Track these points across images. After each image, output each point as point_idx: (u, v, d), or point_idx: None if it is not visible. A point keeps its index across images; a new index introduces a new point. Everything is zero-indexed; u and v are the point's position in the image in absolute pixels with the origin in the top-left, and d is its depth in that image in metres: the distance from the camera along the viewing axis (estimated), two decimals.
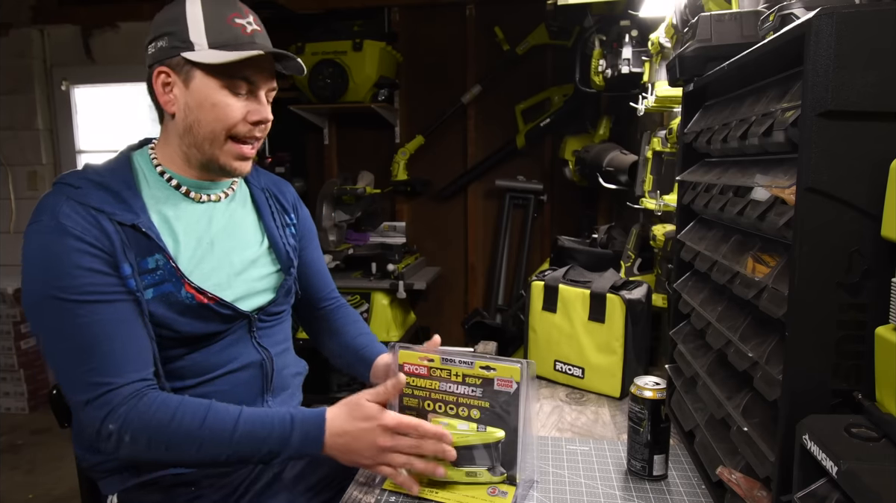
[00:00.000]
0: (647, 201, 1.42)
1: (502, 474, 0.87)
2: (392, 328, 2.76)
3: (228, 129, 0.92)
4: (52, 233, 0.83)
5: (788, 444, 0.53)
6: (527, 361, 0.85)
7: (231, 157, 0.94)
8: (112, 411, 0.81)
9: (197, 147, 0.93)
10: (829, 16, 0.51)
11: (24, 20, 3.30)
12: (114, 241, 0.85)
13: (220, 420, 0.83)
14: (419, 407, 0.90)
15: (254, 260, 1.02)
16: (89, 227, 0.84)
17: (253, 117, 0.93)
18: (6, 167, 3.41)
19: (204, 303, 0.90)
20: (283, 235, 1.08)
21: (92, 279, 0.83)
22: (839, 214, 0.53)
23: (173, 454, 0.83)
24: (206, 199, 0.99)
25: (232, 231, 1.01)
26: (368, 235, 3.00)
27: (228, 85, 0.91)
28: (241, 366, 0.97)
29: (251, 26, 0.92)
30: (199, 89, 0.90)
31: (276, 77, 0.98)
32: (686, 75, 0.89)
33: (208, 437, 0.82)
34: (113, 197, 0.88)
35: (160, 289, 0.88)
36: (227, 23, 0.90)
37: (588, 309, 1.26)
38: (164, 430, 0.81)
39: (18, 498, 2.42)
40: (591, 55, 2.05)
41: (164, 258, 0.88)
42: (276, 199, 1.12)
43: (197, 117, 0.91)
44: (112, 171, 0.92)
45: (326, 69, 2.81)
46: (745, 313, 0.72)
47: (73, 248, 0.82)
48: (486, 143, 3.13)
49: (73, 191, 0.86)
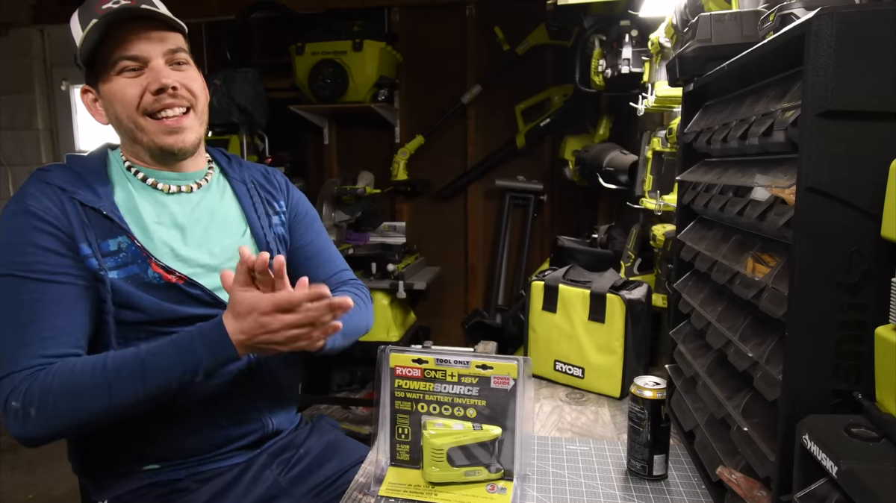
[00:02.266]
0: (647, 201, 1.42)
1: (499, 470, 0.87)
2: (392, 328, 2.76)
3: (137, 108, 0.93)
4: (16, 212, 0.86)
5: (788, 444, 0.53)
6: (523, 358, 0.86)
7: (159, 134, 0.94)
8: (15, 389, 0.81)
9: (133, 140, 0.95)
10: (829, 16, 0.51)
11: (24, 20, 3.30)
12: (72, 221, 0.86)
13: (121, 358, 0.82)
14: (412, 409, 0.90)
15: (232, 249, 1.01)
16: (50, 205, 0.86)
17: (152, 87, 0.92)
18: (6, 167, 3.41)
19: (172, 282, 0.90)
20: (267, 226, 1.07)
21: (44, 258, 0.84)
22: (839, 214, 0.53)
23: (84, 409, 0.80)
24: (176, 190, 0.99)
25: (208, 221, 1.01)
26: (368, 235, 3.00)
27: (119, 71, 0.92)
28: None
29: (118, 4, 0.91)
30: (106, 89, 0.94)
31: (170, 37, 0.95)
32: (686, 75, 0.89)
33: (115, 378, 0.80)
34: (79, 180, 0.91)
35: (125, 270, 0.89)
36: (94, 12, 0.91)
37: (588, 309, 1.26)
38: (67, 387, 0.80)
39: (18, 498, 2.42)
40: (591, 55, 2.05)
41: (128, 239, 0.89)
42: (262, 187, 1.11)
43: (114, 114, 0.94)
44: (87, 160, 0.96)
45: (326, 69, 2.81)
46: (745, 313, 0.72)
47: (31, 226, 0.85)
48: (486, 143, 3.13)
49: (43, 173, 0.91)
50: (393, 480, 0.88)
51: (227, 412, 0.97)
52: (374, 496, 0.86)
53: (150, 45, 0.93)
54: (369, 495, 0.86)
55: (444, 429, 0.87)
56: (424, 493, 0.85)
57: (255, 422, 1.00)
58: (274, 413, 1.04)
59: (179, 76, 0.95)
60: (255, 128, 2.79)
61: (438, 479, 0.86)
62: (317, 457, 1.07)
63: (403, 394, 0.90)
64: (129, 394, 0.81)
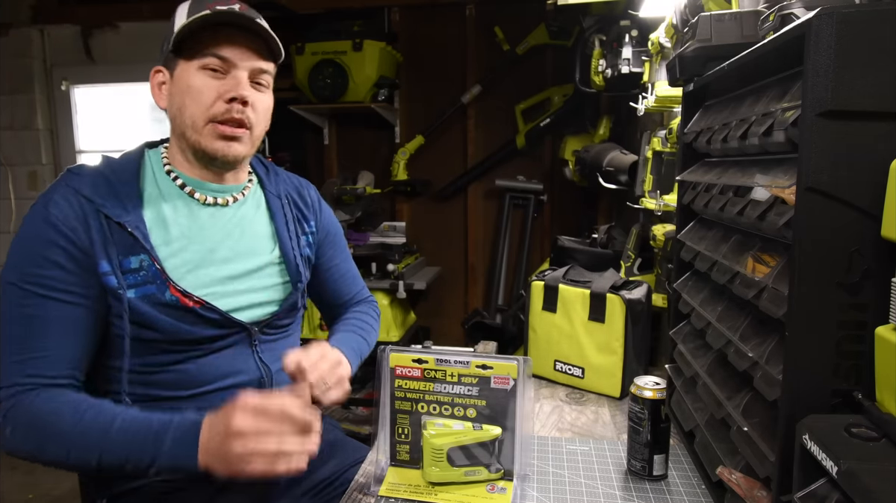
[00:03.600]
0: (647, 201, 1.42)
1: (499, 470, 0.87)
2: (392, 328, 2.76)
3: (206, 110, 0.91)
4: (37, 218, 0.84)
5: (788, 444, 0.53)
6: (524, 358, 0.86)
7: (212, 139, 0.92)
8: (1, 403, 0.80)
9: (185, 139, 0.93)
10: (829, 16, 0.51)
11: (24, 20, 3.30)
12: (93, 236, 0.84)
13: (96, 418, 0.78)
14: (412, 409, 0.90)
15: (259, 269, 0.99)
16: (72, 217, 0.84)
17: (227, 94, 0.90)
18: (6, 167, 3.41)
19: (189, 306, 0.88)
20: (297, 246, 1.05)
21: (53, 273, 0.83)
22: (839, 214, 0.53)
23: (47, 452, 0.79)
24: (213, 202, 0.97)
25: (238, 237, 0.98)
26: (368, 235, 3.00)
27: (203, 66, 0.90)
28: (239, 381, 0.94)
29: (228, 5, 0.90)
30: (180, 76, 0.91)
31: (263, 58, 0.94)
32: (686, 75, 0.89)
33: (79, 437, 0.77)
34: (109, 189, 0.88)
35: (143, 289, 0.86)
36: (205, 7, 0.90)
37: (588, 309, 1.26)
38: (39, 426, 0.78)
39: (18, 498, 2.42)
40: (591, 55, 2.05)
41: (150, 259, 0.87)
42: (296, 204, 1.09)
43: (179, 104, 0.92)
44: (121, 164, 0.92)
45: (326, 69, 2.81)
46: (745, 313, 0.72)
47: (47, 237, 0.83)
48: (486, 143, 3.13)
49: (72, 177, 0.88)
50: (393, 480, 0.88)
51: None
52: (374, 496, 0.86)
53: (243, 55, 0.92)
54: (369, 495, 0.86)
55: (444, 429, 0.87)
56: (424, 493, 0.85)
57: None
58: None
59: (255, 96, 0.94)
60: None
61: (438, 479, 0.86)
62: (316, 457, 1.06)
63: (403, 394, 0.89)
64: (84, 458, 0.78)
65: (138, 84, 3.29)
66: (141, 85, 3.22)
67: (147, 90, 0.97)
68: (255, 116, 0.94)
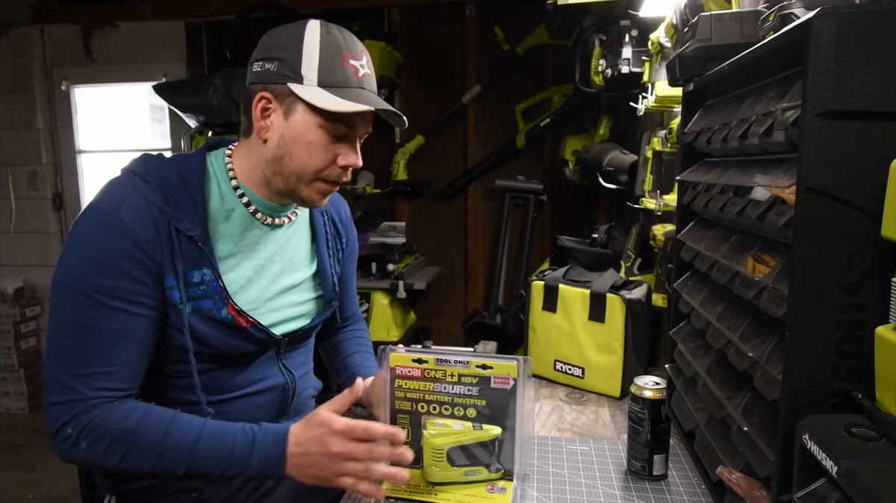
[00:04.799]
0: (647, 201, 1.42)
1: (499, 470, 0.87)
2: (392, 328, 2.76)
3: (318, 169, 0.89)
4: (108, 224, 0.81)
5: (788, 444, 0.53)
6: (524, 358, 0.86)
7: (315, 194, 0.92)
8: (75, 417, 0.80)
9: (282, 177, 0.90)
10: (829, 16, 0.51)
11: (24, 20, 3.30)
12: (164, 249, 0.82)
13: (182, 432, 0.81)
14: (412, 409, 0.90)
15: (297, 284, 1.00)
16: (145, 229, 0.81)
17: (343, 161, 0.90)
18: (6, 167, 3.41)
19: (243, 325, 0.89)
20: (333, 264, 1.06)
21: (125, 284, 0.81)
22: (839, 214, 0.53)
23: (129, 462, 0.80)
24: (272, 222, 0.96)
25: (284, 255, 0.98)
26: (368, 235, 3.00)
27: (328, 126, 0.87)
28: (265, 388, 0.96)
29: (363, 69, 0.89)
30: (298, 124, 0.87)
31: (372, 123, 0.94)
32: (686, 75, 0.89)
33: (167, 449, 0.80)
34: (179, 200, 0.85)
35: (199, 304, 0.86)
36: (341, 62, 0.86)
37: (588, 309, 1.26)
38: (125, 438, 0.80)
39: (18, 498, 2.42)
40: (591, 55, 2.05)
41: (213, 275, 0.86)
42: (333, 222, 1.10)
43: (290, 150, 0.88)
44: (187, 169, 0.89)
45: None
46: (745, 313, 0.72)
47: (121, 247, 0.80)
48: (486, 143, 3.13)
49: (143, 184, 0.84)
50: None
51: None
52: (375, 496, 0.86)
53: (366, 125, 0.92)
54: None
55: (444, 429, 0.87)
56: (425, 493, 0.85)
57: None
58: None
59: (360, 158, 0.94)
60: None
61: (439, 479, 0.86)
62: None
63: (403, 394, 0.90)
64: (172, 468, 0.81)
65: (138, 84, 3.29)
66: (141, 85, 3.23)
67: (148, 90, 0.96)
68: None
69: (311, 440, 0.81)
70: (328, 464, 0.80)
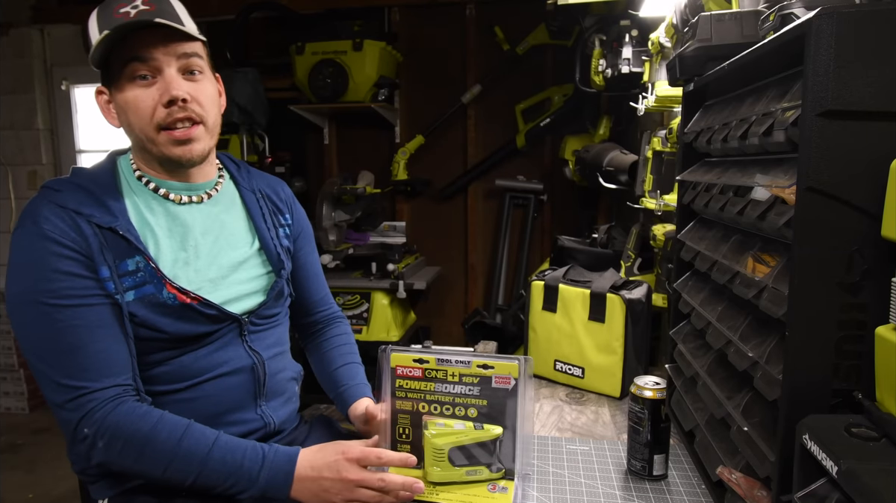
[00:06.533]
0: (647, 201, 1.42)
1: (500, 470, 0.87)
2: (392, 328, 2.76)
3: (150, 121, 0.90)
4: (32, 236, 0.84)
5: (788, 444, 0.53)
6: (525, 358, 0.86)
7: (169, 146, 0.92)
8: (87, 414, 0.81)
9: (144, 149, 0.93)
10: (829, 16, 0.51)
11: (24, 20, 3.30)
12: (91, 244, 0.85)
13: (196, 441, 0.83)
14: (413, 409, 0.90)
15: (243, 261, 1.01)
16: (67, 229, 0.84)
17: (163, 99, 0.89)
18: (6, 167, 3.41)
19: (186, 303, 0.90)
20: (275, 237, 1.07)
21: (70, 283, 0.83)
22: (839, 214, 0.53)
23: (141, 467, 0.83)
24: (187, 200, 0.98)
25: (218, 233, 1.00)
26: (368, 235, 3.00)
27: (131, 76, 0.88)
28: (232, 370, 0.96)
29: (136, 9, 0.89)
30: (117, 93, 0.90)
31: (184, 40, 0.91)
32: (686, 75, 0.89)
33: (181, 456, 0.82)
34: (93, 200, 0.88)
35: (141, 290, 0.87)
36: (112, 16, 0.88)
37: (588, 309, 1.26)
38: (139, 442, 0.82)
39: (18, 498, 2.42)
40: (591, 55, 2.05)
41: (144, 260, 0.88)
42: (269, 199, 1.11)
43: (126, 121, 0.92)
44: (96, 174, 0.93)
45: (326, 69, 2.80)
46: (745, 313, 0.72)
47: (52, 251, 0.83)
48: (486, 143, 3.13)
49: (53, 194, 0.88)
50: None
51: (231, 410, 0.97)
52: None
53: (165, 50, 0.90)
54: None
55: (445, 429, 0.87)
56: (426, 493, 0.85)
57: (257, 421, 1.01)
58: (276, 412, 1.04)
59: (191, 87, 0.92)
60: (255, 128, 2.79)
61: (440, 479, 0.86)
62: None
63: (404, 393, 0.90)
64: (181, 476, 0.82)
65: None
66: None
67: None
68: (201, 108, 0.93)
69: (326, 465, 0.84)
70: (341, 490, 0.83)
